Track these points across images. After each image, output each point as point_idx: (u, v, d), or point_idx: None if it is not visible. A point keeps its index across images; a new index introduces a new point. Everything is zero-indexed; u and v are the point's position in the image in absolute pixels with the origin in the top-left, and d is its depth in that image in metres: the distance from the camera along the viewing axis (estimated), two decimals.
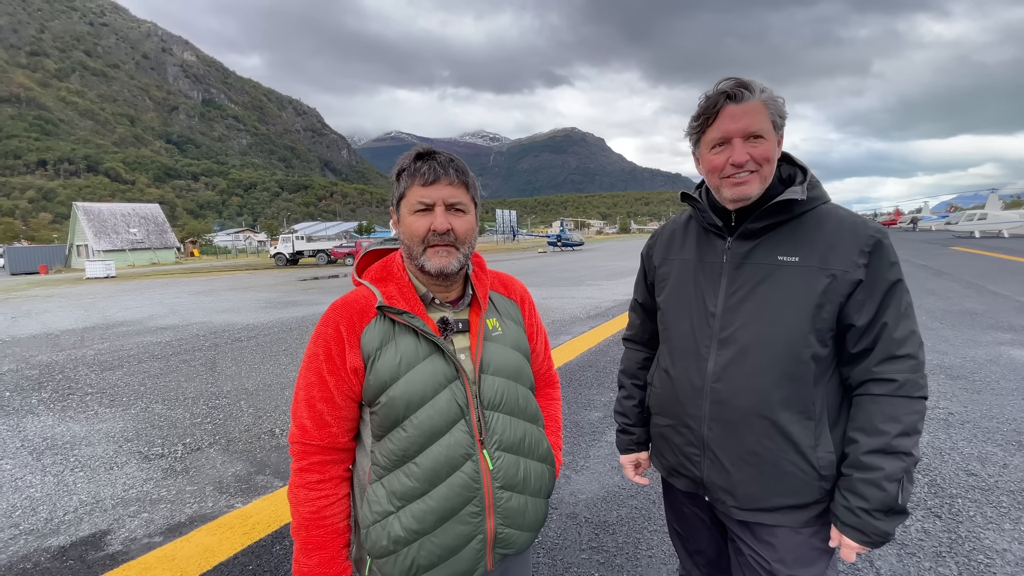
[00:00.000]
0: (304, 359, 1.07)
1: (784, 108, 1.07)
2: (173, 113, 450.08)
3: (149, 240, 49.40)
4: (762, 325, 1.07)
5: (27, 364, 6.39)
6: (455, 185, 1.03)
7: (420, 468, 1.01)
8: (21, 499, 2.92)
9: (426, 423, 1.01)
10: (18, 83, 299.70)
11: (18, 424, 4.20)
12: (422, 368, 1.02)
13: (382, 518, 1.02)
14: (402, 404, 1.01)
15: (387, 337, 1.03)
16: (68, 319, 10.51)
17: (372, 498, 1.04)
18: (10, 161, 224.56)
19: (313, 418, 1.03)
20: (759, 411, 1.07)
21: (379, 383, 1.01)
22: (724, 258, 1.14)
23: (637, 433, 1.39)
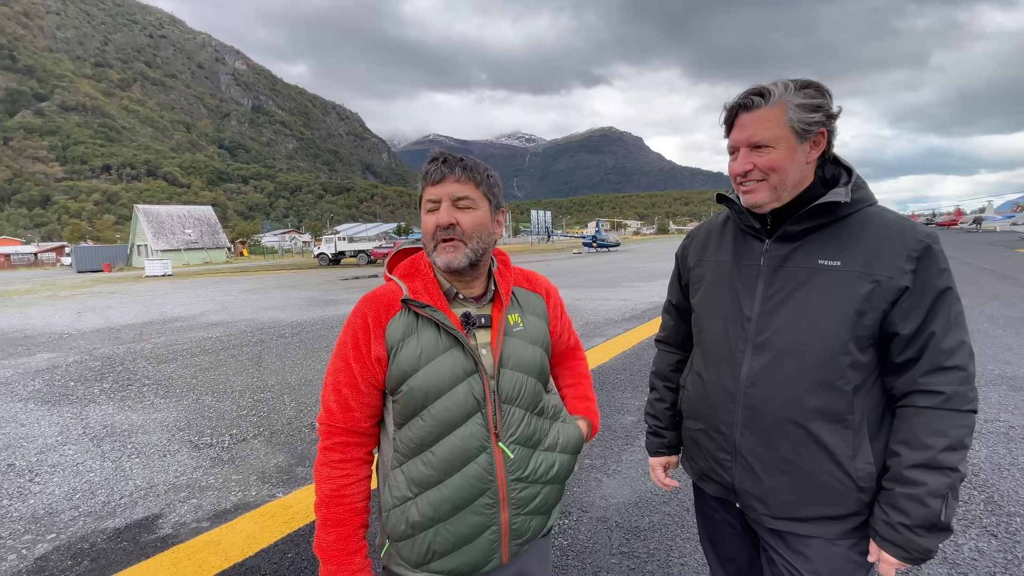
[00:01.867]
0: (335, 347, 1.13)
1: (818, 109, 1.01)
2: (225, 120, 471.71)
3: (202, 240, 51.96)
4: (799, 330, 1.04)
5: (91, 356, 6.84)
6: (461, 181, 1.05)
7: (436, 457, 1.06)
8: (81, 483, 3.13)
9: (443, 414, 1.05)
10: (84, 92, 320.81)
11: (81, 412, 4.50)
12: (441, 361, 1.06)
13: (401, 503, 1.08)
14: (420, 394, 1.05)
15: (410, 329, 1.07)
16: (128, 314, 11.18)
17: (392, 483, 1.09)
18: (78, 166, 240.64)
19: (339, 401, 1.09)
20: (794, 418, 1.04)
21: (400, 373, 1.05)
22: (761, 261, 1.12)
23: (668, 436, 1.38)
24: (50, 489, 3.06)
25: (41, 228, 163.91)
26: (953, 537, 2.24)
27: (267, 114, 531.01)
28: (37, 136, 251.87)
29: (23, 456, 3.58)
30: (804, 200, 1.06)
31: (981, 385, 4.19)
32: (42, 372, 6.06)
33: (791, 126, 1.01)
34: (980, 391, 4.05)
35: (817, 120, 1.02)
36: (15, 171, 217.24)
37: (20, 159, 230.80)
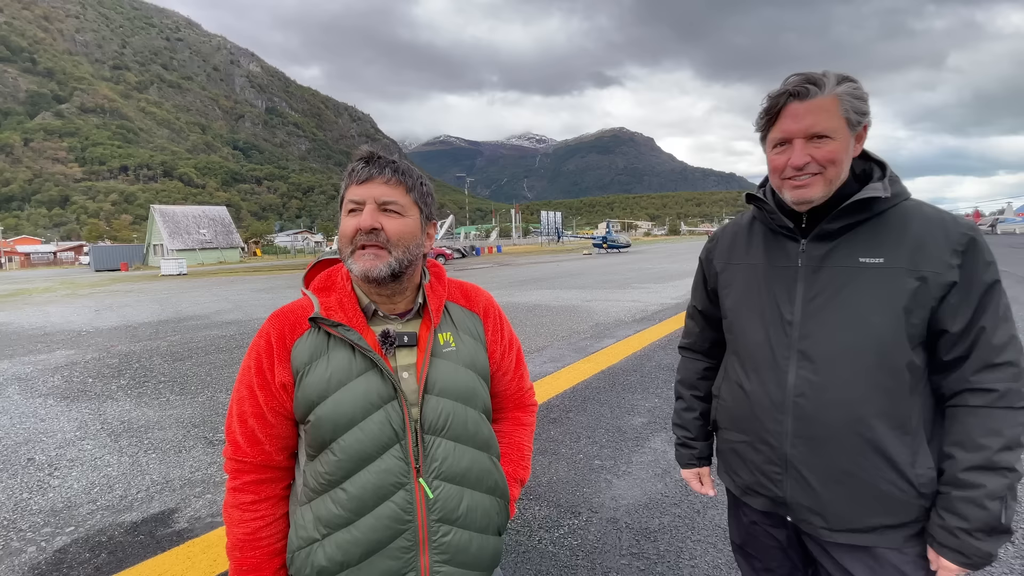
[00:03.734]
0: (239, 371, 1.00)
1: (865, 102, 0.99)
2: (239, 121, 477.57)
3: (217, 240, 52.65)
4: (849, 333, 1.00)
5: (108, 353, 6.97)
6: (391, 184, 0.94)
7: (347, 495, 0.93)
8: (100, 477, 3.19)
9: (354, 447, 0.93)
10: (103, 95, 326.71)
11: (99, 408, 4.59)
12: (354, 386, 0.94)
13: (307, 544, 0.95)
14: (329, 425, 0.93)
15: (319, 351, 0.95)
16: (145, 313, 11.37)
17: (300, 522, 0.97)
18: (96, 167, 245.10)
19: (245, 434, 0.97)
20: (851, 426, 0.99)
21: (306, 401, 0.94)
22: (799, 262, 1.07)
23: (699, 447, 1.34)
24: (69, 483, 3.13)
25: (60, 228, 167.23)
26: None
27: (280, 115, 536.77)
28: (57, 137, 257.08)
29: (43, 451, 3.66)
30: (838, 197, 1.02)
31: None
32: (61, 369, 6.18)
33: (847, 117, 0.97)
34: None
35: (865, 112, 0.99)
36: (35, 172, 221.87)
37: (40, 160, 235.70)
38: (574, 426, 3.67)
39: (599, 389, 4.50)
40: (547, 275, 18.17)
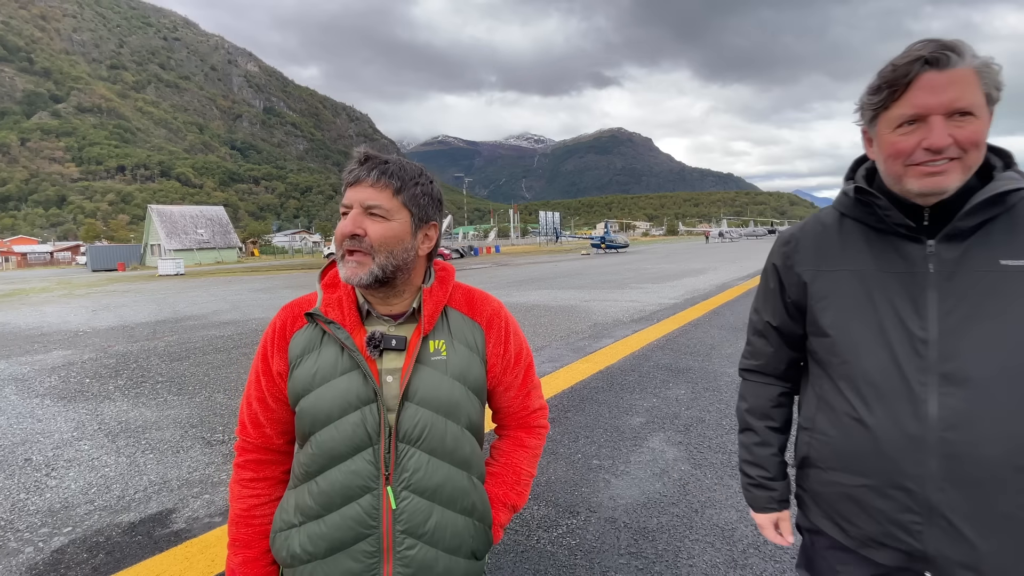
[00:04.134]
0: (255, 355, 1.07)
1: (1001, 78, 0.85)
2: (237, 121, 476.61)
3: (214, 240, 52.55)
4: (1003, 352, 0.84)
5: (105, 353, 6.95)
6: (377, 187, 0.92)
7: (318, 488, 0.95)
8: (97, 477, 3.18)
9: (327, 444, 0.94)
10: (100, 94, 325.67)
11: (96, 408, 4.57)
12: (336, 384, 0.94)
13: (287, 528, 0.98)
14: (308, 419, 0.96)
15: (312, 345, 0.98)
16: (142, 313, 11.34)
17: (284, 506, 1.01)
18: (93, 167, 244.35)
19: (251, 416, 1.03)
20: (1015, 463, 0.84)
21: (294, 392, 0.98)
22: (929, 266, 0.90)
23: (779, 489, 1.14)
24: (66, 483, 3.12)
25: (57, 228, 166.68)
26: None
27: (278, 115, 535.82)
28: (54, 137, 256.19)
29: (40, 451, 3.64)
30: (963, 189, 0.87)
31: None
32: (58, 369, 6.16)
33: (987, 92, 0.83)
34: None
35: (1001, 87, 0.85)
36: (32, 172, 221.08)
37: (37, 160, 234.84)
38: (572, 426, 3.67)
39: (597, 389, 4.50)
40: (545, 275, 18.18)
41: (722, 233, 70.24)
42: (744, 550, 2.20)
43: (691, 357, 5.48)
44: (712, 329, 6.93)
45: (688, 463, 3.04)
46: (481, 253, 48.31)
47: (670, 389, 4.43)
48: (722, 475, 2.87)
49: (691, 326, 7.20)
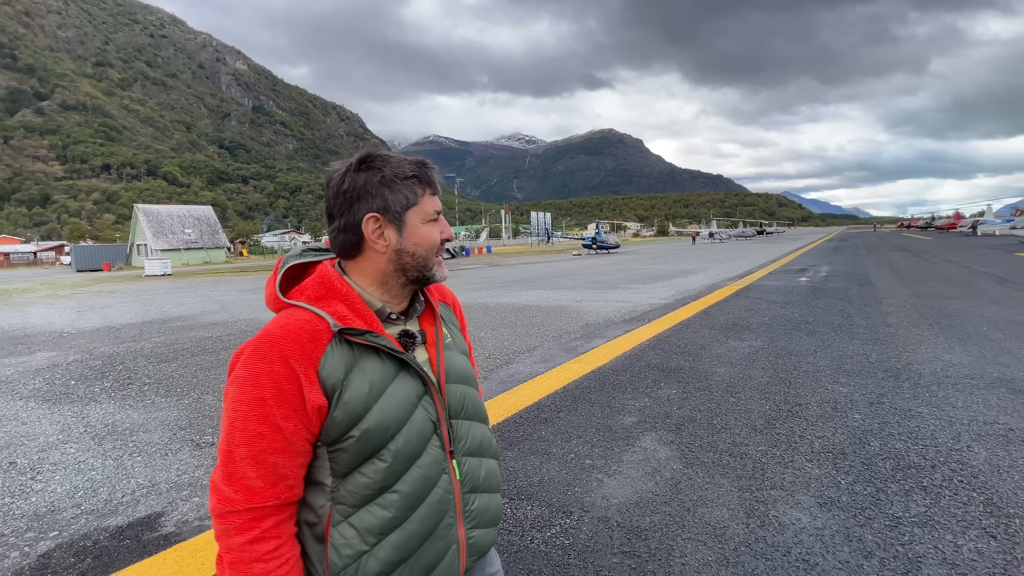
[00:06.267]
0: (237, 407, 0.88)
1: None
2: (225, 120, 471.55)
3: (202, 240, 51.94)
4: None
5: (91, 355, 6.84)
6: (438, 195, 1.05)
7: (400, 495, 0.94)
8: (83, 481, 3.13)
9: (405, 448, 0.95)
10: (85, 92, 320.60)
11: (82, 411, 4.50)
12: (393, 391, 0.95)
13: (354, 560, 0.92)
14: (379, 434, 0.92)
15: (350, 363, 0.92)
16: (128, 314, 11.18)
17: (340, 542, 0.93)
18: (77, 165, 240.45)
19: (265, 476, 0.87)
20: None
21: (350, 417, 0.91)
22: None
23: None
24: (52, 487, 3.07)
25: (41, 227, 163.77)
26: (952, 538, 2.26)
27: (267, 114, 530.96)
28: (37, 135, 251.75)
29: (24, 454, 3.58)
30: None
31: (978, 388, 4.21)
32: (43, 371, 6.06)
33: None
34: (976, 394, 4.07)
35: None
36: (15, 170, 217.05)
37: (20, 158, 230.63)
38: (565, 426, 3.68)
39: (589, 389, 4.52)
40: (537, 275, 18.19)
41: (712, 234, 70.73)
42: (736, 548, 2.22)
43: (682, 357, 5.51)
44: (703, 329, 6.98)
45: (680, 462, 3.06)
46: (472, 253, 48.22)
47: (661, 389, 4.45)
48: (713, 474, 2.90)
49: (682, 326, 7.24)
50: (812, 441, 3.29)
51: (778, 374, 4.78)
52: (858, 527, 2.36)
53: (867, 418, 3.65)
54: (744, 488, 2.73)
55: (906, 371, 4.76)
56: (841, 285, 11.52)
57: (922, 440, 3.27)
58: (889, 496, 2.61)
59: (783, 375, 4.74)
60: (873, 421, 3.59)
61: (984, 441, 3.22)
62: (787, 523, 2.40)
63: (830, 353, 5.48)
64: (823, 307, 8.51)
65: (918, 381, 4.45)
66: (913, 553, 2.17)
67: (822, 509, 2.51)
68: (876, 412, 3.76)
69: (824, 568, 2.08)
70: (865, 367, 4.92)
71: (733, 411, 3.86)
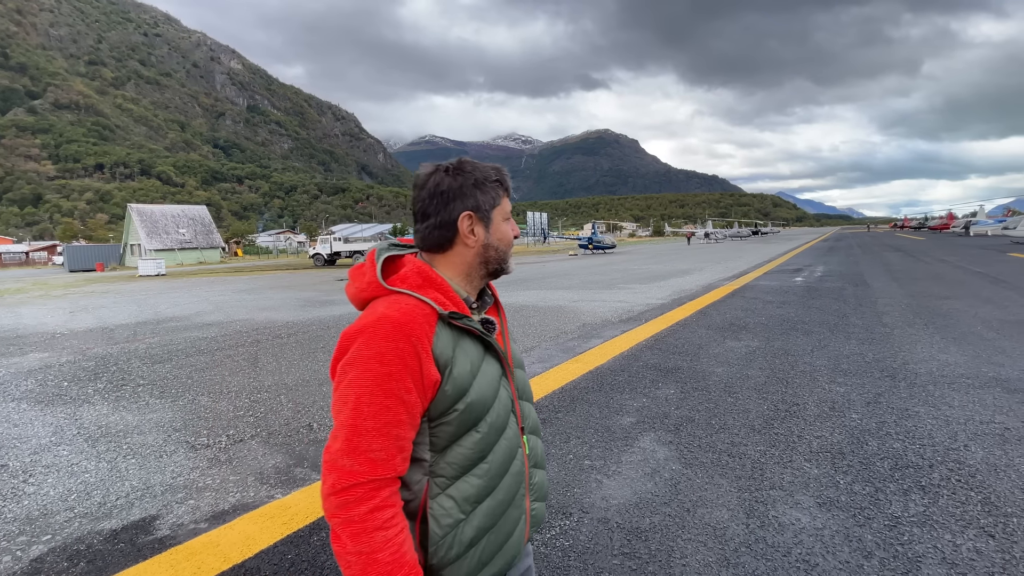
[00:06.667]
0: (363, 384, 0.94)
1: None
2: (220, 119, 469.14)
3: (196, 240, 51.62)
4: None
5: (84, 356, 6.78)
6: None
7: (491, 464, 1.06)
8: (77, 483, 3.10)
9: (496, 421, 1.08)
10: (77, 91, 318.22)
11: (75, 412, 4.46)
12: (486, 369, 1.07)
13: (452, 529, 1.01)
14: (479, 407, 1.04)
15: (454, 343, 1.03)
16: (122, 314, 11.09)
17: (440, 512, 1.01)
18: (70, 165, 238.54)
19: (387, 447, 0.95)
20: None
21: (457, 390, 1.01)
22: None
23: None
24: (44, 490, 3.03)
25: (33, 227, 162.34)
26: (951, 537, 2.26)
27: (262, 114, 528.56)
28: (29, 134, 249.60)
29: (16, 457, 3.54)
30: None
31: (974, 388, 4.23)
32: (35, 372, 6.00)
33: None
34: (972, 394, 4.09)
35: None
36: (7, 169, 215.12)
37: (12, 157, 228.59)
38: (563, 426, 3.67)
39: (587, 389, 4.51)
40: (534, 276, 18.18)
41: (708, 234, 70.93)
42: (736, 549, 2.22)
43: (679, 357, 5.51)
44: (699, 329, 6.99)
45: (679, 462, 3.05)
46: None
47: (659, 389, 4.45)
48: (712, 474, 2.89)
49: (679, 326, 7.25)
50: (810, 441, 3.30)
51: (775, 374, 4.79)
52: (857, 527, 2.36)
53: (865, 418, 3.66)
54: (743, 488, 2.72)
55: (902, 371, 4.77)
56: (836, 285, 11.57)
57: (919, 440, 3.27)
58: (888, 496, 2.61)
59: (780, 375, 4.75)
60: (871, 421, 3.60)
61: (981, 440, 3.24)
62: (787, 523, 2.40)
63: (827, 353, 5.50)
64: (819, 307, 8.54)
65: (914, 381, 4.47)
66: (913, 553, 2.17)
67: (821, 509, 2.51)
68: (873, 412, 3.77)
69: (824, 569, 2.08)
70: (862, 367, 4.94)
71: (731, 411, 3.86)
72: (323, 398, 4.59)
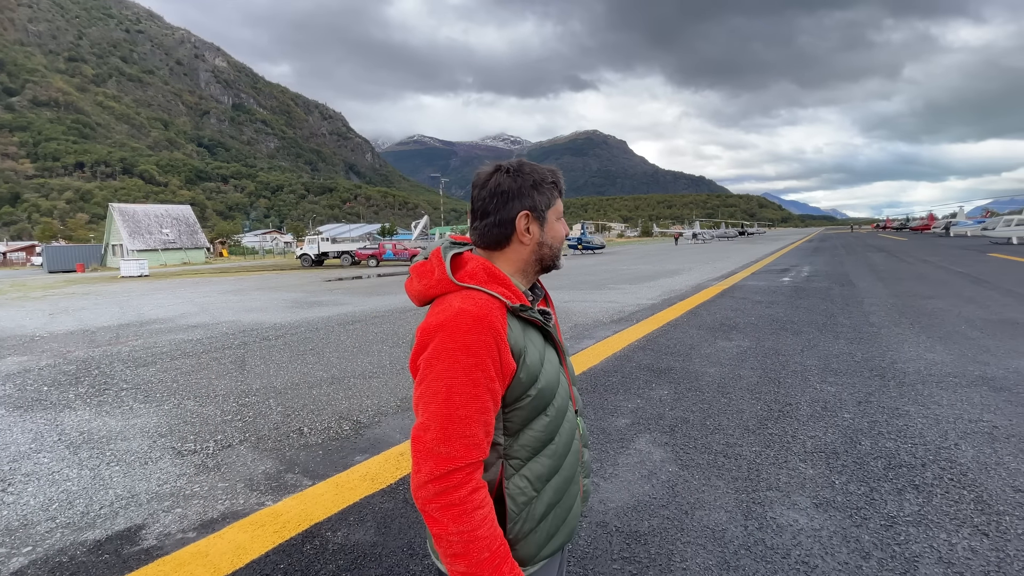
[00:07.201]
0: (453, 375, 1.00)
1: None
2: (204, 117, 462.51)
3: (180, 240, 50.79)
4: None
5: (64, 360, 6.61)
6: None
7: (557, 444, 1.13)
8: (58, 492, 3.00)
9: (561, 405, 1.15)
10: (57, 88, 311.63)
11: (56, 418, 4.33)
12: (549, 357, 1.14)
13: (526, 506, 1.09)
14: (549, 391, 1.11)
15: (524, 334, 1.10)
16: (104, 316, 10.85)
17: (515, 492, 1.08)
18: (49, 163, 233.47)
19: (478, 432, 1.01)
20: None
21: (531, 377, 1.08)
22: None
23: None
24: (24, 499, 2.93)
25: (10, 227, 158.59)
26: (946, 536, 2.27)
27: (248, 112, 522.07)
28: (7, 132, 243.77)
29: None
30: None
31: (962, 386, 4.29)
32: (13, 376, 5.83)
33: None
34: (960, 392, 4.14)
35: None
36: None
37: None
38: None
39: (581, 390, 4.49)
40: None
41: (695, 234, 71.56)
42: (736, 551, 2.21)
43: (672, 357, 5.52)
44: (690, 329, 7.01)
45: (675, 464, 3.04)
46: None
47: (653, 390, 4.44)
48: (709, 476, 2.88)
49: (670, 326, 7.27)
50: (804, 441, 3.31)
51: (767, 374, 4.81)
52: (855, 527, 2.36)
53: (857, 417, 3.69)
54: (740, 490, 2.72)
55: (891, 370, 4.83)
56: (823, 285, 11.70)
57: (911, 439, 3.30)
58: (883, 495, 2.63)
59: (772, 375, 4.77)
60: (863, 420, 3.63)
61: (971, 439, 3.27)
62: (785, 525, 2.39)
63: (817, 352, 5.54)
64: (807, 307, 8.63)
65: (903, 380, 4.52)
66: (910, 553, 2.17)
67: (818, 510, 2.51)
68: (865, 411, 3.80)
69: (824, 570, 2.08)
70: (851, 366, 4.98)
71: (725, 412, 3.87)
72: (313, 401, 4.52)
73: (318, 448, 3.50)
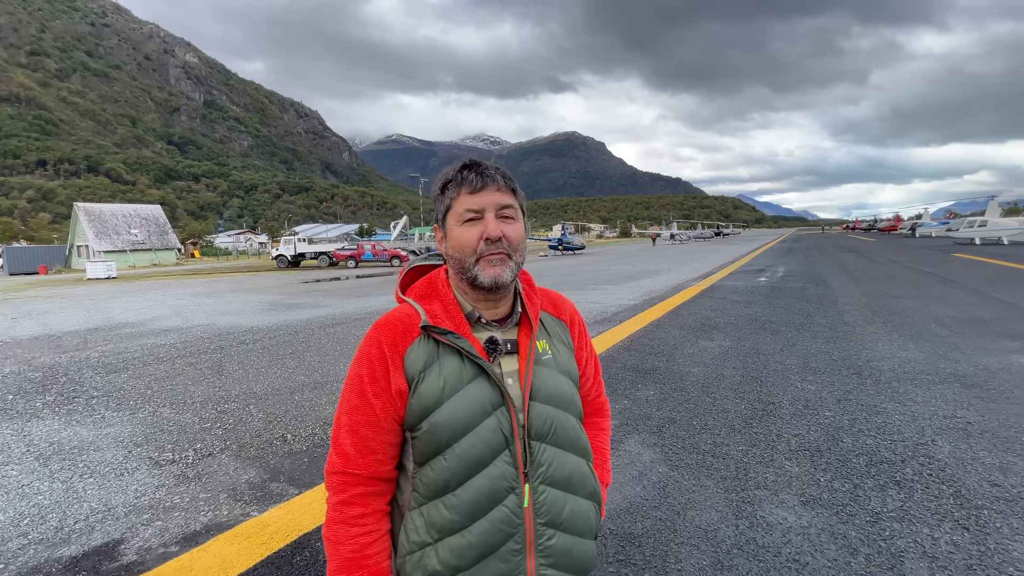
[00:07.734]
0: (346, 381, 1.01)
1: None
2: (174, 114, 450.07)
3: (150, 241, 49.31)
4: None
5: (30, 366, 6.34)
6: (503, 191, 0.99)
7: (460, 500, 0.95)
8: (29, 507, 2.87)
9: (468, 452, 0.95)
10: (18, 83, 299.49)
11: (22, 428, 4.14)
12: (466, 393, 0.96)
13: (419, 549, 0.97)
14: (445, 432, 0.95)
15: (431, 359, 0.97)
16: (70, 320, 10.45)
17: (410, 526, 0.98)
18: (9, 161, 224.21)
19: (356, 444, 0.97)
20: None
21: (422, 408, 0.96)
22: None
23: None
24: None
25: None
26: (929, 531, 2.34)
27: (220, 109, 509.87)
28: None
29: None
30: None
31: (935, 383, 4.43)
32: None
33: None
34: (934, 389, 4.27)
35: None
36: None
37: None
38: None
39: None
40: None
41: (673, 235, 72.64)
42: (728, 551, 2.23)
43: (656, 358, 5.57)
44: (673, 329, 7.09)
45: (665, 465, 3.06)
46: None
47: (639, 390, 4.48)
48: (698, 476, 2.91)
49: (652, 327, 7.34)
50: (788, 439, 3.37)
51: (749, 373, 4.89)
52: (841, 524, 2.41)
53: (837, 415, 3.77)
54: (730, 489, 2.75)
55: (867, 368, 4.96)
56: (798, 285, 11.98)
57: (890, 435, 3.39)
58: (867, 492, 2.69)
59: (754, 374, 4.86)
60: (843, 418, 3.71)
61: (946, 435, 3.38)
62: (774, 523, 2.43)
63: (796, 351, 5.66)
64: (784, 306, 8.82)
65: (879, 378, 4.65)
66: (895, 548, 2.23)
67: (806, 508, 2.56)
68: (845, 409, 3.89)
69: (815, 568, 2.11)
70: (829, 365, 5.10)
71: (711, 411, 3.91)
72: (295, 407, 4.42)
73: (303, 455, 3.42)
